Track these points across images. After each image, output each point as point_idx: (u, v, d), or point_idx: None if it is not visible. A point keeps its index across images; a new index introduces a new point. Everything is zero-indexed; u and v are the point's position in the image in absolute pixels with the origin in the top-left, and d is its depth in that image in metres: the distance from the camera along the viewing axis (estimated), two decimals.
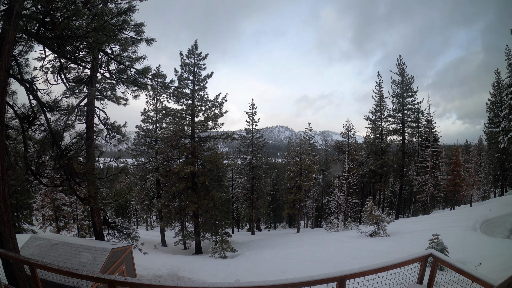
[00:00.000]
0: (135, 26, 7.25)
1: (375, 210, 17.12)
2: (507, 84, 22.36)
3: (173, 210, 21.74)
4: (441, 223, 17.05)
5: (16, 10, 5.28)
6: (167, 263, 13.31)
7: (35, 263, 4.28)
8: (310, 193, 37.73)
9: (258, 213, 35.90)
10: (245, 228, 45.75)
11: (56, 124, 7.33)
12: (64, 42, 6.21)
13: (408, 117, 32.70)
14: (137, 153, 26.10)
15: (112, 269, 6.80)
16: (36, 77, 6.80)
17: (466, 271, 3.43)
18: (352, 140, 37.43)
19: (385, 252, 11.67)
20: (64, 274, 4.01)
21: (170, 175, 21.22)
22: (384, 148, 33.11)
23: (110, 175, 7.25)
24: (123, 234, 11.50)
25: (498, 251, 8.73)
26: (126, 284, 3.63)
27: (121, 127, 11.00)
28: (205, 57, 21.40)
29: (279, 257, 14.59)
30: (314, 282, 3.30)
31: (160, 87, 9.09)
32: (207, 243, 22.72)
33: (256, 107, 33.92)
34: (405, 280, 4.23)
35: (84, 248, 6.95)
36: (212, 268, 12.98)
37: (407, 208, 43.18)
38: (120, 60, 7.78)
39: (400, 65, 32.62)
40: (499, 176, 33.77)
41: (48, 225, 23.04)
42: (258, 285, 3.29)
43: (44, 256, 6.82)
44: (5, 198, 5.41)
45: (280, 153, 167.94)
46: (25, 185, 7.41)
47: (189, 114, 21.31)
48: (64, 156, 6.55)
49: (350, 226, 24.43)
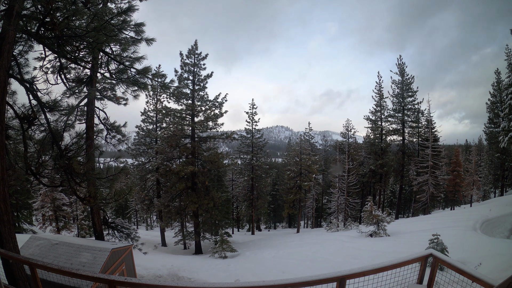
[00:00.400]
0: (135, 26, 7.25)
1: (375, 210, 17.13)
2: (507, 84, 22.35)
3: (173, 210, 21.75)
4: (441, 223, 17.05)
5: (16, 10, 5.28)
6: (167, 263, 13.31)
7: (35, 263, 4.28)
8: (310, 193, 37.73)
9: (258, 213, 35.90)
10: (245, 228, 45.75)
11: (56, 124, 7.33)
12: (64, 42, 6.21)
13: (408, 117, 32.71)
14: (137, 153, 26.11)
15: (112, 269, 6.80)
16: (36, 77, 6.80)
17: (466, 271, 3.43)
18: (352, 140, 37.44)
19: (385, 252, 11.67)
20: (64, 274, 4.01)
21: (170, 175, 21.22)
22: (384, 148, 33.11)
23: (110, 175, 7.25)
24: (123, 234, 11.50)
25: (498, 251, 8.72)
26: (126, 284, 3.63)
27: (121, 127, 11.00)
28: (205, 57, 21.42)
29: (279, 257, 14.59)
30: (314, 282, 3.30)
31: (160, 87, 9.10)
32: (207, 243, 22.73)
33: (256, 107, 33.95)
34: (405, 280, 4.23)
35: (84, 248, 6.96)
36: (212, 268, 12.98)
37: (407, 208, 43.19)
38: (120, 60, 7.78)
39: (400, 65, 32.63)
40: (499, 176, 33.77)
41: (48, 225, 23.03)
42: (258, 285, 3.29)
43: (44, 256, 6.83)
44: (5, 198, 5.40)
45: (280, 153, 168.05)
46: (25, 185, 7.41)
47: (189, 114, 21.32)
48: (64, 156, 6.55)
49: (350, 226, 24.43)
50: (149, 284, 3.52)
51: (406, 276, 4.22)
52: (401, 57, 32.76)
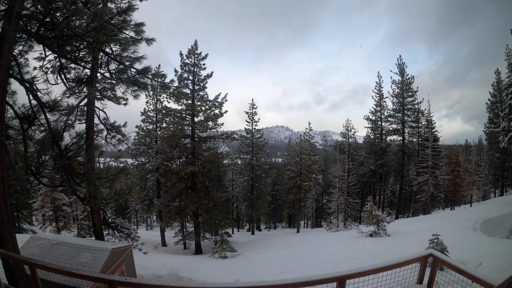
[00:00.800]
0: (135, 26, 7.24)
1: (375, 210, 17.12)
2: (507, 84, 22.35)
3: (173, 210, 21.75)
4: (441, 223, 17.05)
5: (16, 10, 5.28)
6: (167, 263, 13.31)
7: (35, 263, 4.28)
8: (310, 193, 37.72)
9: (258, 213, 35.89)
10: (245, 228, 45.74)
11: (56, 124, 7.33)
12: (64, 42, 6.21)
13: (408, 117, 32.70)
14: (137, 153, 26.12)
15: (112, 269, 6.80)
16: (36, 77, 6.80)
17: (466, 271, 3.43)
18: (352, 140, 37.44)
19: (385, 252, 11.67)
20: (64, 274, 4.01)
21: (170, 175, 21.23)
22: (384, 148, 33.11)
23: (110, 175, 7.25)
24: (123, 234, 11.50)
25: (498, 251, 8.73)
26: (126, 284, 3.63)
27: (121, 127, 11.00)
28: (205, 57, 21.43)
29: (279, 257, 14.60)
30: (314, 282, 3.30)
31: (160, 87, 9.11)
32: (207, 243, 22.73)
33: (256, 107, 33.94)
34: (405, 280, 4.23)
35: (84, 248, 6.95)
36: (212, 268, 12.98)
37: (407, 208, 43.18)
38: (120, 60, 7.78)
39: (400, 65, 32.63)
40: (499, 176, 33.75)
41: (48, 225, 23.04)
42: (258, 285, 3.29)
43: (44, 256, 6.82)
44: (5, 198, 5.40)
45: (280, 153, 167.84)
46: (25, 185, 7.40)
47: (189, 114, 21.33)
48: (64, 156, 6.55)
49: (350, 226, 24.43)
50: (149, 284, 3.52)
51: (406, 276, 4.22)
52: (401, 57, 32.77)
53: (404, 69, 32.51)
